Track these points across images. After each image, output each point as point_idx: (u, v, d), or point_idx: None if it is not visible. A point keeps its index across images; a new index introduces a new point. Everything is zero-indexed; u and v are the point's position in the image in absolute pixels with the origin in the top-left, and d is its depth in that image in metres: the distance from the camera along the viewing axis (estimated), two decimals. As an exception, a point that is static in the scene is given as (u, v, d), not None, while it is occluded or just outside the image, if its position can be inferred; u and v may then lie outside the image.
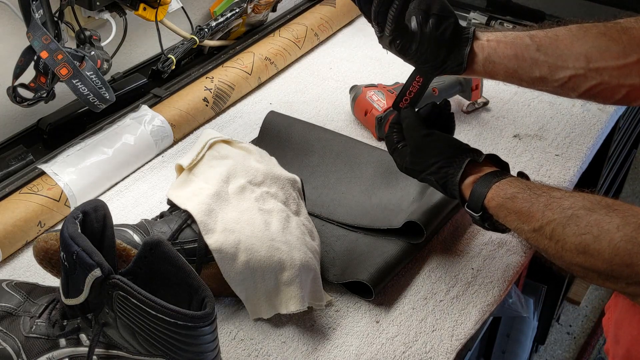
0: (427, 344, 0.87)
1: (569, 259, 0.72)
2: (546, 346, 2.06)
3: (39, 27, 0.96)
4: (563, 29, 0.86)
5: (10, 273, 0.95)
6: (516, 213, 0.77)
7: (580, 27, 0.86)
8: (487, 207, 0.81)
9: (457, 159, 0.85)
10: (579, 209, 0.71)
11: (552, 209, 0.74)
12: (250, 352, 0.85)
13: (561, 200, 0.74)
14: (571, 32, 0.86)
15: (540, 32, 0.87)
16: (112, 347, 0.74)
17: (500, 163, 0.87)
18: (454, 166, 0.85)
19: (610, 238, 0.67)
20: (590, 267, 0.69)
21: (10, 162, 1.07)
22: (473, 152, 0.86)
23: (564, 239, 0.71)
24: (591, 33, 0.85)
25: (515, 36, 0.87)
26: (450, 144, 0.87)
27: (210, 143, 0.96)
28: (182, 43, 1.29)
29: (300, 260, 0.86)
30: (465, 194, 0.84)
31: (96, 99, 1.01)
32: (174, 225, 0.87)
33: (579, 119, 1.24)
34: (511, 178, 0.82)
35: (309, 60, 1.41)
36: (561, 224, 0.72)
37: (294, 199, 0.94)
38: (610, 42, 0.83)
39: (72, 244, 0.69)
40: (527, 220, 0.76)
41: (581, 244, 0.69)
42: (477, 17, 1.50)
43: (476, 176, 0.83)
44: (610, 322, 0.87)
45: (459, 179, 0.84)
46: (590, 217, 0.70)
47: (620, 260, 0.66)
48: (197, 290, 0.71)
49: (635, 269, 0.65)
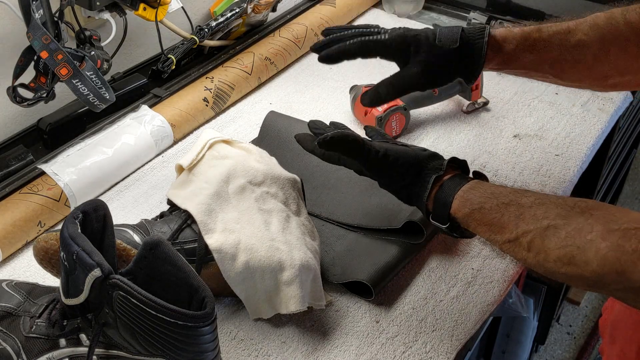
0: (427, 344, 0.87)
1: (553, 270, 0.71)
2: (546, 346, 2.06)
3: (39, 27, 0.96)
4: (587, 43, 0.87)
5: (10, 273, 0.95)
6: (486, 224, 0.76)
7: (602, 42, 0.86)
8: (454, 217, 0.80)
9: (421, 177, 0.83)
10: (555, 218, 0.70)
11: (525, 220, 0.72)
12: (250, 352, 0.85)
13: (532, 209, 0.73)
14: (592, 51, 0.87)
15: (561, 57, 0.88)
16: (112, 347, 0.74)
17: (457, 162, 0.86)
18: (418, 185, 0.83)
19: (596, 248, 0.66)
20: (577, 276, 0.69)
21: (10, 162, 1.07)
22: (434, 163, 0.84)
23: (546, 251, 0.70)
24: (612, 51, 0.87)
25: (535, 63, 0.89)
26: (409, 161, 0.84)
27: (210, 143, 0.96)
28: (182, 43, 1.29)
29: (300, 260, 0.86)
30: (429, 206, 0.83)
31: (96, 99, 1.01)
32: (174, 225, 0.87)
33: (579, 119, 1.24)
34: (472, 183, 0.80)
35: (309, 60, 1.41)
36: (539, 235, 0.71)
37: (294, 199, 0.94)
38: (628, 61, 0.86)
39: (72, 244, 0.69)
40: (500, 232, 0.75)
41: (566, 256, 0.68)
42: (477, 17, 1.50)
43: (437, 188, 0.82)
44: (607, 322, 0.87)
45: (426, 197, 0.82)
46: (569, 227, 0.69)
47: (610, 269, 0.65)
48: (197, 290, 0.71)
49: (627, 276, 0.64)
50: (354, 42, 0.91)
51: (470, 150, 1.17)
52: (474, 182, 0.81)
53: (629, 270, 0.64)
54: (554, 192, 1.08)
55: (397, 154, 0.84)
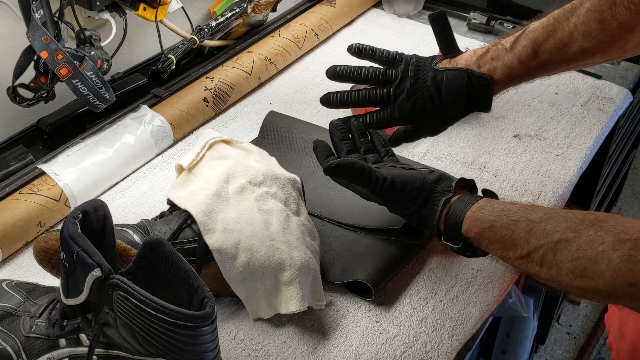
0: (427, 344, 0.87)
1: (565, 283, 0.71)
2: (546, 346, 2.06)
3: (39, 27, 0.96)
4: (588, 51, 0.88)
5: (10, 273, 0.95)
6: (498, 242, 0.76)
7: (601, 48, 0.87)
8: (465, 236, 0.80)
9: (430, 201, 0.83)
10: (565, 232, 0.70)
11: (536, 235, 0.73)
12: (250, 352, 0.85)
13: (541, 223, 0.73)
14: (596, 58, 0.89)
15: (566, 65, 0.90)
16: (112, 347, 0.74)
17: (465, 181, 0.87)
18: (428, 208, 0.83)
19: (608, 259, 0.66)
20: (591, 288, 0.69)
21: (10, 162, 1.07)
22: (443, 185, 0.84)
23: (558, 264, 0.70)
24: (614, 53, 0.88)
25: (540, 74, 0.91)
26: (417, 187, 0.84)
27: (210, 143, 0.96)
28: (182, 43, 1.29)
29: (300, 260, 0.86)
30: (441, 228, 0.83)
31: (96, 99, 1.01)
32: (174, 225, 0.87)
33: (579, 119, 1.24)
34: (482, 202, 0.81)
35: (309, 60, 1.41)
36: (550, 250, 0.71)
37: (294, 199, 0.94)
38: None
39: (72, 244, 0.69)
40: (512, 248, 0.75)
41: (577, 268, 0.68)
42: (477, 17, 1.50)
43: (447, 209, 0.82)
44: (614, 317, 0.87)
45: (437, 219, 0.83)
46: (580, 240, 0.69)
47: (623, 280, 0.65)
48: (197, 290, 0.71)
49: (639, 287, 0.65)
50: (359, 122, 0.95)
51: (470, 150, 1.17)
52: (483, 200, 0.81)
53: None
54: (554, 192, 1.08)
55: (404, 180, 0.84)
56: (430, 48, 1.40)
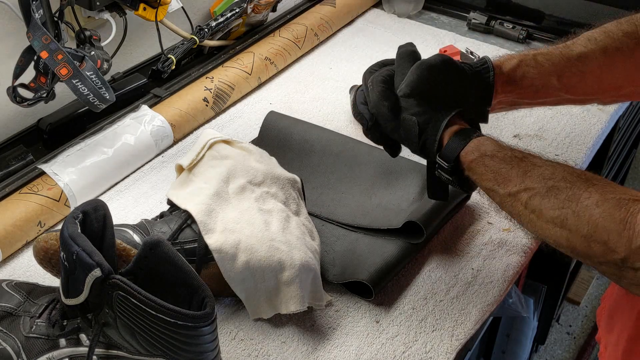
0: (427, 344, 0.87)
1: (543, 230, 0.72)
2: (546, 346, 2.06)
3: (39, 27, 0.96)
4: (589, 54, 0.87)
5: (10, 273, 0.95)
6: (494, 172, 0.77)
7: (605, 52, 0.86)
8: (461, 160, 0.80)
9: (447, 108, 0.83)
10: (560, 181, 0.71)
11: (532, 177, 0.73)
12: (250, 352, 0.85)
13: (542, 168, 0.74)
14: (597, 61, 0.87)
15: (566, 69, 0.88)
16: (112, 347, 0.74)
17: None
18: (443, 112, 0.83)
19: (589, 214, 0.67)
20: (565, 241, 0.69)
21: (10, 162, 1.07)
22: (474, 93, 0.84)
23: (541, 210, 0.71)
24: (618, 60, 0.86)
25: (541, 78, 0.88)
26: (454, 96, 0.85)
27: (210, 143, 0.96)
28: (182, 43, 1.29)
29: (300, 260, 0.86)
30: (444, 139, 0.82)
31: (96, 99, 1.01)
32: (174, 225, 0.87)
33: (579, 119, 1.24)
34: (492, 139, 0.81)
35: (309, 60, 1.41)
36: (540, 193, 0.72)
37: (294, 199, 0.94)
38: (638, 68, 0.85)
39: (72, 244, 0.69)
40: (504, 183, 0.75)
41: (559, 217, 0.69)
42: (477, 17, 1.50)
43: (458, 127, 0.82)
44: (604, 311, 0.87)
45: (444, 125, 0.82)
46: (570, 191, 0.70)
47: (598, 237, 0.66)
48: (197, 290, 0.71)
49: (610, 246, 0.65)
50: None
51: (470, 150, 1.17)
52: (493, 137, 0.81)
53: (613, 240, 0.65)
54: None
55: (454, 82, 0.86)
56: (431, 48, 1.40)
